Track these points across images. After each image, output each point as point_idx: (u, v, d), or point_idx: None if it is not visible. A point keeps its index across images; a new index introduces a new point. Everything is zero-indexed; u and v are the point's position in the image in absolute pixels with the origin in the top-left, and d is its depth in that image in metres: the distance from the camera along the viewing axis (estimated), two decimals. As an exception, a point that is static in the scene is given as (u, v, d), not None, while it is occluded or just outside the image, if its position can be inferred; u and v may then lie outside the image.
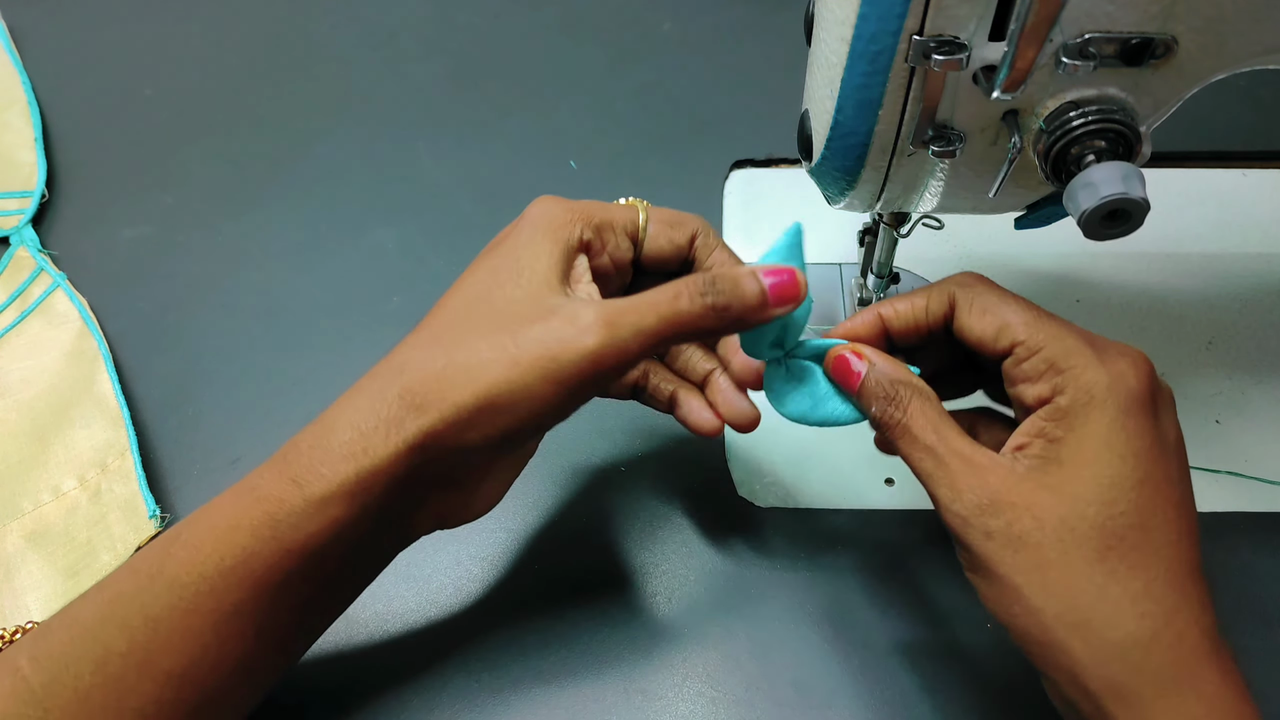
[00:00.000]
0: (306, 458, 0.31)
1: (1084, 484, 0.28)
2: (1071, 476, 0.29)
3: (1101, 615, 0.28)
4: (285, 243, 0.54)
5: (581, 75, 0.63)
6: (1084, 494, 0.28)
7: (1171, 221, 0.52)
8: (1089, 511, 0.28)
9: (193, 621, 0.30)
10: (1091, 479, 0.28)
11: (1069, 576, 0.28)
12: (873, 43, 0.30)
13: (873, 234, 0.43)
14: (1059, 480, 0.29)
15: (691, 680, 0.39)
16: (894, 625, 0.40)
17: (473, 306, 0.32)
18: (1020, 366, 0.31)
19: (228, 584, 0.30)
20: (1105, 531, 0.28)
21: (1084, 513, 0.28)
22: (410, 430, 0.30)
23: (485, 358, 0.30)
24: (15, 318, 0.50)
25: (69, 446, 0.45)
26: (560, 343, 0.30)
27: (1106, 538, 0.28)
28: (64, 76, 0.63)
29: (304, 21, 0.67)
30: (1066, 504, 0.28)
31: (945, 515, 0.30)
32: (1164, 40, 0.29)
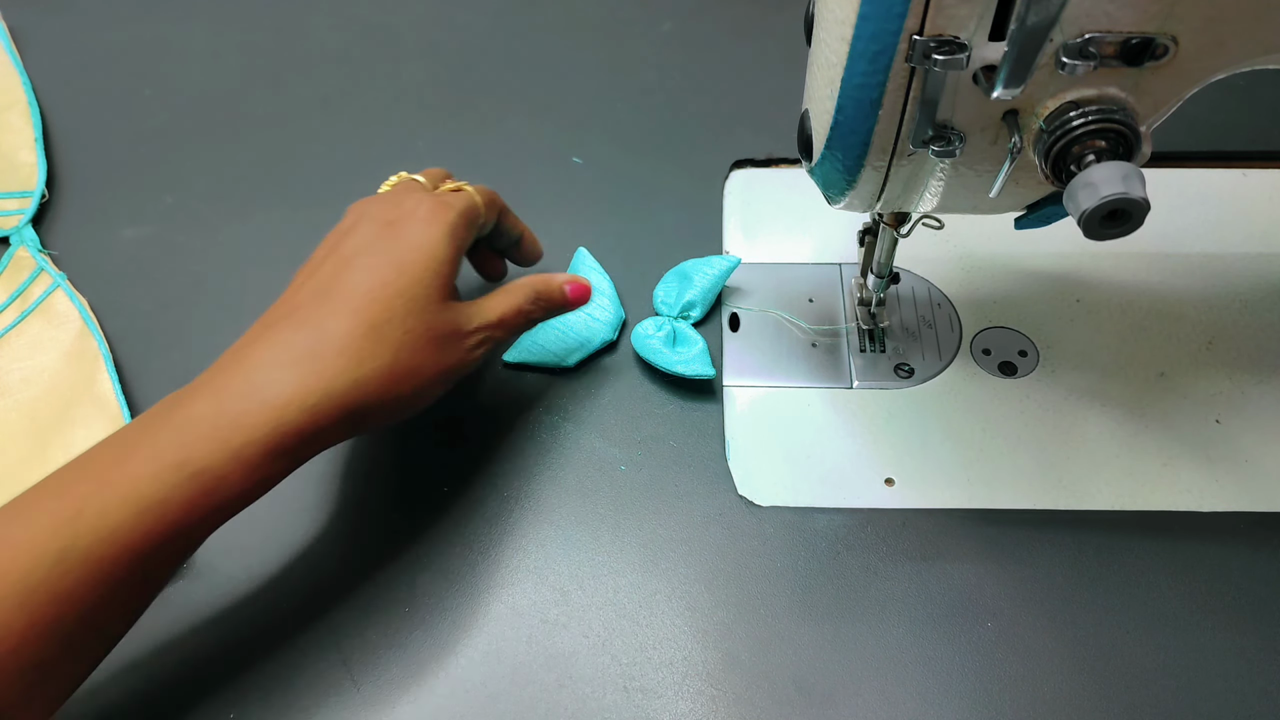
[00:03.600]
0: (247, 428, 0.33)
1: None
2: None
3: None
4: (285, 243, 0.54)
5: (581, 75, 0.63)
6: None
7: (1171, 221, 0.52)
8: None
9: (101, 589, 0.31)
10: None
11: None
12: (873, 43, 0.30)
13: (873, 234, 0.44)
14: None
15: (691, 679, 0.39)
16: (893, 624, 0.40)
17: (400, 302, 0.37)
18: None
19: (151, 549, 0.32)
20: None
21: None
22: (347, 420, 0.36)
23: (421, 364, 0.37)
24: (15, 318, 0.50)
25: (69, 446, 0.45)
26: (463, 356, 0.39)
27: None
28: (64, 76, 0.63)
29: (304, 21, 0.67)
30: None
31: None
32: (1164, 40, 0.29)
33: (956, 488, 0.43)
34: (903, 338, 0.48)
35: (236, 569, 0.42)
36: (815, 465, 0.44)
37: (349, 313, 0.36)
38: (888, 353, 0.48)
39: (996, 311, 0.49)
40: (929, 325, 0.49)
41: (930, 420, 0.45)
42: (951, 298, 0.50)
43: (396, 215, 0.40)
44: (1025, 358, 0.47)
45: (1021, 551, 0.41)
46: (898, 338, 0.48)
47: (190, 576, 0.42)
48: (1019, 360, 0.47)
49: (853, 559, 0.41)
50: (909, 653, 0.39)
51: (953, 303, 0.49)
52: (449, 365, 0.39)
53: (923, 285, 0.50)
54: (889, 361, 0.47)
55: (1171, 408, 0.45)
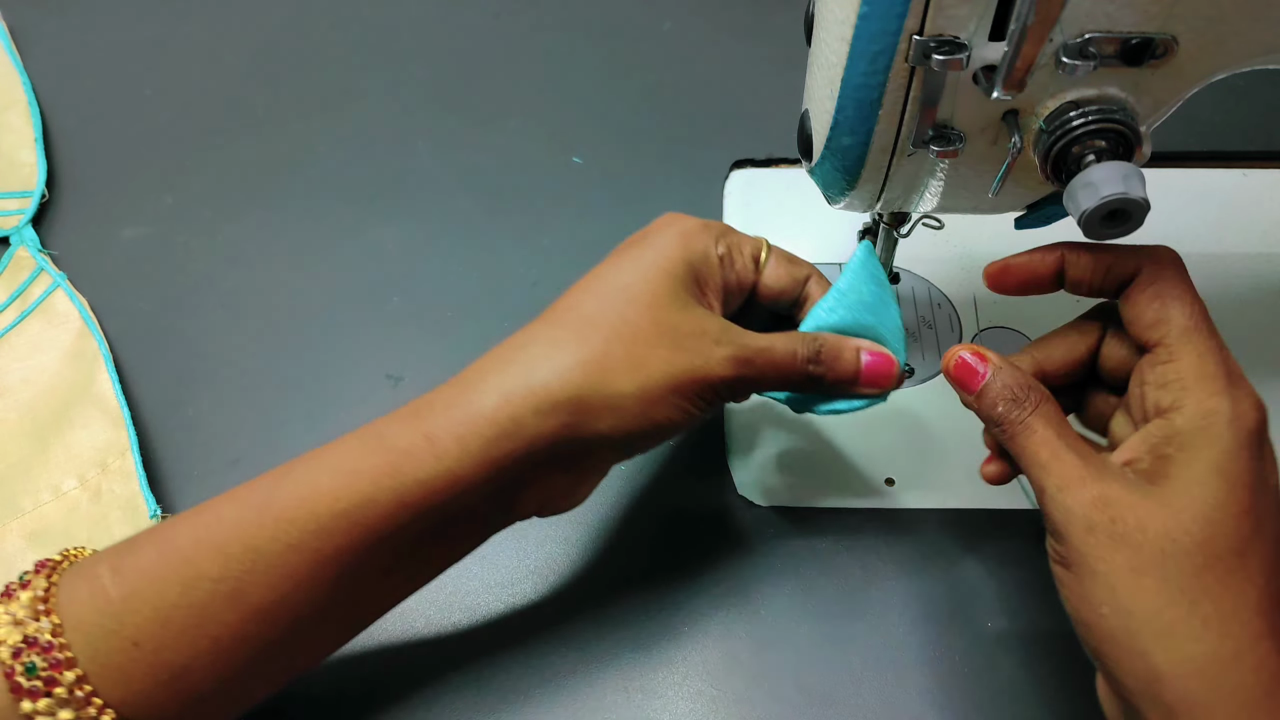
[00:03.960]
0: (443, 416, 0.31)
1: (1192, 501, 0.29)
2: (1180, 493, 0.29)
3: (1189, 628, 0.28)
4: (285, 243, 0.54)
5: (581, 75, 0.63)
6: (1190, 510, 0.29)
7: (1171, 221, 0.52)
8: (1193, 527, 0.28)
9: (292, 558, 0.30)
10: (1200, 498, 0.29)
11: (1163, 585, 0.28)
12: (873, 43, 0.30)
13: (873, 234, 0.43)
14: (1167, 495, 0.29)
15: (691, 679, 0.39)
16: (894, 624, 0.40)
17: (616, 299, 0.34)
18: (1156, 368, 0.31)
19: (337, 526, 0.30)
20: (1206, 550, 0.28)
21: (1188, 528, 0.29)
22: (565, 410, 0.31)
23: (642, 356, 0.32)
24: (15, 318, 0.50)
25: (69, 446, 0.45)
26: (705, 364, 0.33)
27: (1206, 556, 0.28)
28: (64, 76, 0.63)
29: (304, 21, 0.67)
30: (1172, 517, 0.29)
31: (1050, 506, 0.30)
32: (1164, 40, 0.29)
33: (956, 488, 0.43)
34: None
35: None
36: (815, 465, 0.44)
37: (560, 311, 0.34)
38: (888, 353, 0.48)
39: (996, 311, 0.49)
40: (929, 325, 0.49)
41: (930, 420, 0.45)
42: (951, 298, 0.50)
43: (649, 228, 0.37)
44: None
45: (1021, 552, 0.41)
46: (898, 338, 0.48)
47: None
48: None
49: (853, 559, 0.41)
50: (909, 653, 0.39)
51: (953, 303, 0.49)
52: (685, 367, 0.33)
53: (923, 285, 0.50)
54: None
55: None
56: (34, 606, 0.28)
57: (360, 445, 0.31)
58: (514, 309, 0.51)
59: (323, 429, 0.46)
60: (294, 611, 0.30)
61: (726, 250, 0.37)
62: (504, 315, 0.51)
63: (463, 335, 0.50)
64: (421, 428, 0.31)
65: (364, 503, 0.30)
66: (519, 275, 0.52)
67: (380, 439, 0.31)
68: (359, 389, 0.48)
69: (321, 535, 0.30)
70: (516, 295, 0.51)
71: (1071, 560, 0.30)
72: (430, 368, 0.49)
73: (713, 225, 0.37)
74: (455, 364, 0.48)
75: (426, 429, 0.31)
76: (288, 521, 0.30)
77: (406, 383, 0.48)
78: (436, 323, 0.50)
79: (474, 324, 0.50)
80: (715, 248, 0.36)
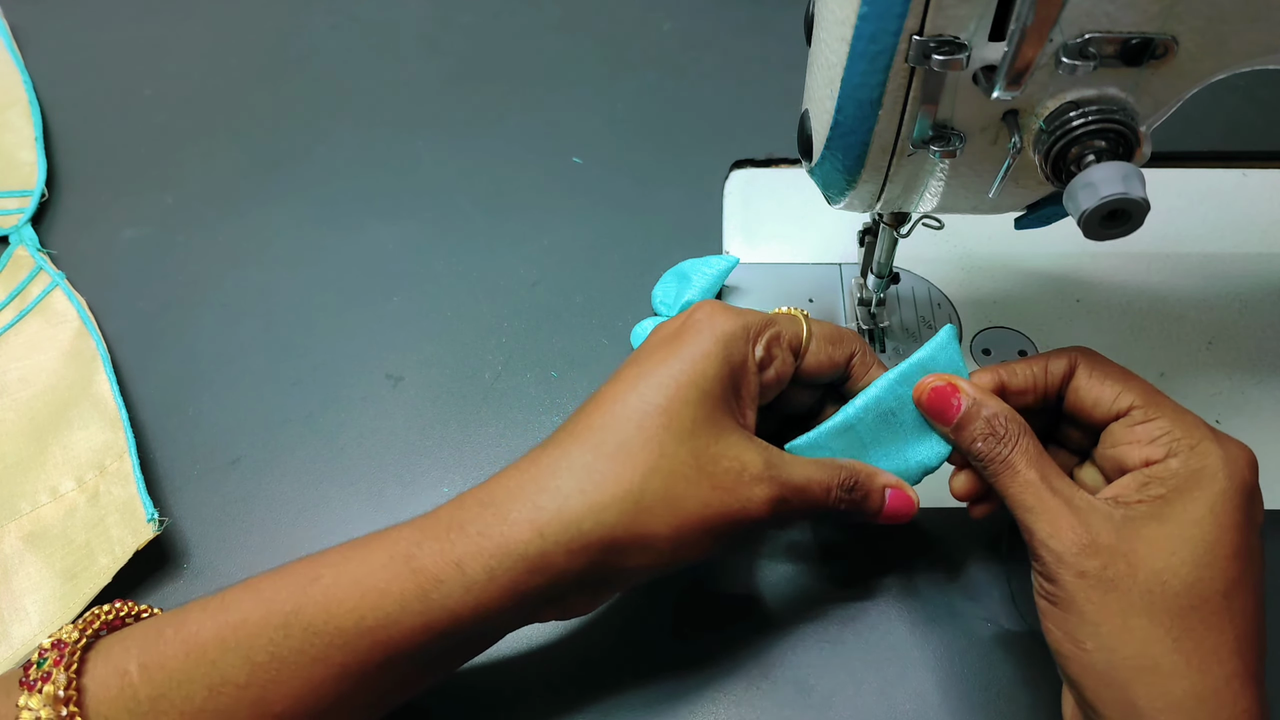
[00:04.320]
0: (474, 544, 0.31)
1: (1185, 543, 0.30)
2: (1172, 534, 0.30)
3: (1172, 665, 0.29)
4: (285, 242, 0.54)
5: (581, 75, 0.63)
6: (1182, 553, 0.30)
7: (1171, 221, 0.52)
8: (1183, 570, 0.29)
9: (317, 671, 0.30)
10: (1193, 539, 0.30)
11: (1150, 625, 0.29)
12: (873, 43, 0.30)
13: (873, 234, 0.43)
14: (1159, 535, 0.30)
15: (692, 679, 0.38)
16: (894, 625, 0.40)
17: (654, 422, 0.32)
18: (1134, 428, 0.32)
19: (361, 643, 0.30)
20: (1194, 591, 0.29)
21: (1178, 570, 0.29)
22: (596, 549, 0.31)
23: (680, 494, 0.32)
24: (14, 317, 0.50)
25: (67, 448, 0.45)
26: (744, 504, 0.33)
27: (1193, 598, 0.29)
28: (64, 76, 0.63)
29: (304, 21, 0.67)
30: (1162, 558, 0.30)
31: (1040, 550, 0.31)
32: (1164, 40, 0.29)
33: (956, 488, 0.43)
34: (903, 338, 0.48)
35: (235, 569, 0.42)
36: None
37: (594, 430, 0.32)
38: (888, 353, 0.48)
39: (996, 311, 0.49)
40: (929, 325, 0.49)
41: (930, 420, 0.45)
42: (951, 298, 0.50)
43: (682, 325, 0.35)
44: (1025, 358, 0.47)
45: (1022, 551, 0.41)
46: (898, 338, 0.48)
47: (189, 576, 0.42)
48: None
49: (853, 559, 0.41)
50: (909, 653, 0.39)
51: (953, 303, 0.49)
52: (722, 510, 0.32)
53: (923, 285, 0.50)
54: (889, 362, 0.47)
55: (1171, 408, 0.45)
56: (56, 708, 0.28)
57: (389, 563, 0.31)
58: (514, 309, 0.51)
59: (323, 429, 0.46)
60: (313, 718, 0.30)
61: (766, 352, 0.35)
62: (504, 315, 0.51)
63: (463, 335, 0.50)
64: (452, 554, 0.31)
65: (389, 624, 0.30)
66: (519, 275, 0.52)
67: (409, 561, 0.31)
68: (359, 389, 0.48)
69: (346, 650, 0.30)
70: (516, 295, 0.51)
71: (1059, 599, 0.31)
72: (430, 368, 0.49)
73: (751, 322, 0.35)
74: (455, 364, 0.49)
75: (457, 556, 0.31)
76: (314, 634, 0.30)
77: (406, 382, 0.48)
78: (436, 323, 0.50)
79: (474, 324, 0.50)
80: (754, 352, 0.35)
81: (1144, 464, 0.32)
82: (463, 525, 0.31)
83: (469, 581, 0.30)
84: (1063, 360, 0.35)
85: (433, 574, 0.30)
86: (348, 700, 0.31)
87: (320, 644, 0.30)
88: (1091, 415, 0.34)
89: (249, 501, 0.44)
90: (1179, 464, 0.31)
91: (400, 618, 0.30)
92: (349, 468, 0.45)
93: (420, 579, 0.30)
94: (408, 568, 0.31)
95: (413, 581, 0.30)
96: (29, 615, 0.40)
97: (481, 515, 0.31)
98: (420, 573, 0.30)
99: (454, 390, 0.48)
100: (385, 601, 0.30)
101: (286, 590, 0.31)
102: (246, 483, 0.45)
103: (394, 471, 0.45)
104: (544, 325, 0.50)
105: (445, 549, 0.31)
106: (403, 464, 0.45)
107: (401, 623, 0.30)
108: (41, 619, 0.40)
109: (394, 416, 0.47)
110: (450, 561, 0.31)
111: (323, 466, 0.45)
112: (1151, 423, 0.32)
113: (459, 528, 0.31)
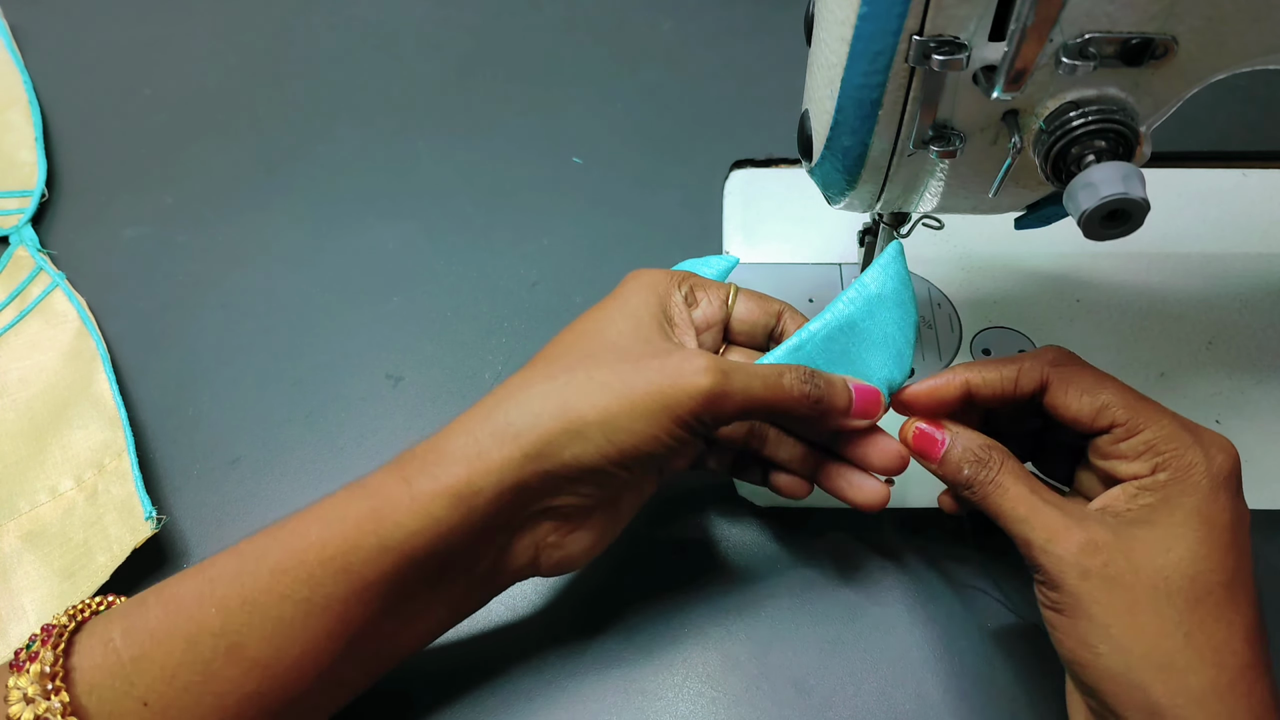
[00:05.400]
0: (419, 459, 0.32)
1: (1178, 541, 0.31)
2: (1164, 535, 0.31)
3: (1186, 660, 0.29)
4: (285, 242, 0.54)
5: (581, 75, 0.63)
6: (1178, 549, 0.30)
7: (1171, 221, 0.52)
8: (1183, 565, 0.30)
9: (286, 609, 0.30)
10: (1184, 537, 0.31)
11: (1159, 621, 0.30)
12: (873, 43, 0.30)
13: (873, 234, 0.43)
14: (1152, 537, 0.31)
15: (691, 680, 0.38)
16: (894, 625, 0.40)
17: (585, 341, 0.34)
18: (1118, 445, 0.33)
19: (325, 573, 0.30)
20: (1197, 584, 0.30)
21: (1178, 565, 0.30)
22: (526, 439, 0.31)
23: (604, 380, 0.32)
24: (14, 317, 0.50)
25: (66, 447, 0.45)
26: (676, 377, 0.32)
27: (1197, 590, 0.30)
28: (64, 76, 0.63)
29: (304, 21, 0.67)
30: (1160, 555, 0.30)
31: (1040, 557, 0.31)
32: (1164, 40, 0.29)
33: (956, 488, 0.43)
34: (903, 338, 0.48)
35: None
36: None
37: (532, 361, 0.35)
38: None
39: (996, 311, 0.49)
40: (929, 325, 0.49)
41: (930, 420, 0.45)
42: (951, 298, 0.50)
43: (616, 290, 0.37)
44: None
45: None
46: (898, 338, 0.48)
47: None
48: (1019, 360, 0.47)
49: (853, 559, 0.41)
50: (908, 653, 0.39)
51: (953, 303, 0.49)
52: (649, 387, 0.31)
53: (923, 285, 0.50)
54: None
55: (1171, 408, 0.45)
56: (43, 684, 0.29)
57: (347, 494, 0.32)
58: (514, 309, 0.51)
59: (323, 429, 0.46)
60: (293, 664, 0.31)
61: (690, 291, 0.37)
62: (504, 315, 0.51)
63: (463, 335, 0.50)
64: (400, 472, 0.32)
65: (349, 549, 0.31)
66: (519, 275, 0.52)
67: (363, 487, 0.32)
68: (359, 389, 0.48)
69: (311, 584, 0.30)
70: (516, 295, 0.51)
71: (1065, 605, 0.31)
72: (430, 368, 0.49)
73: (676, 274, 0.38)
74: (455, 364, 0.49)
75: (404, 473, 0.32)
76: (281, 572, 0.30)
77: (406, 382, 0.48)
78: (436, 323, 0.50)
79: (474, 324, 0.50)
80: (679, 291, 0.37)
81: (1133, 478, 0.33)
82: (413, 452, 0.33)
83: (415, 492, 0.31)
84: (1035, 373, 0.35)
85: (382, 492, 0.31)
86: (324, 644, 0.31)
87: (288, 580, 0.30)
88: (1074, 428, 0.35)
89: (249, 501, 0.44)
90: (1166, 476, 0.32)
91: (359, 541, 0.31)
92: (349, 468, 0.45)
93: (373, 500, 0.31)
94: (362, 492, 0.32)
95: (366, 504, 0.31)
96: (27, 614, 0.40)
97: (427, 444, 0.33)
98: (373, 495, 0.31)
99: (454, 390, 0.48)
100: (343, 528, 0.31)
101: (260, 540, 0.32)
102: (246, 483, 0.45)
103: (394, 471, 0.45)
104: (544, 325, 0.50)
105: (393, 470, 0.32)
106: (403, 464, 0.45)
107: (360, 546, 0.31)
108: (39, 617, 0.40)
109: (394, 416, 0.47)
110: (399, 478, 0.32)
111: (323, 466, 0.45)
112: (1135, 438, 0.33)
113: (410, 454, 0.33)
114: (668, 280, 0.37)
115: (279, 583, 0.30)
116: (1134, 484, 0.32)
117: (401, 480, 0.31)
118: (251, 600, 0.30)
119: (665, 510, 0.43)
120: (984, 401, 0.36)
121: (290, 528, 0.32)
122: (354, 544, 0.31)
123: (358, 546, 0.31)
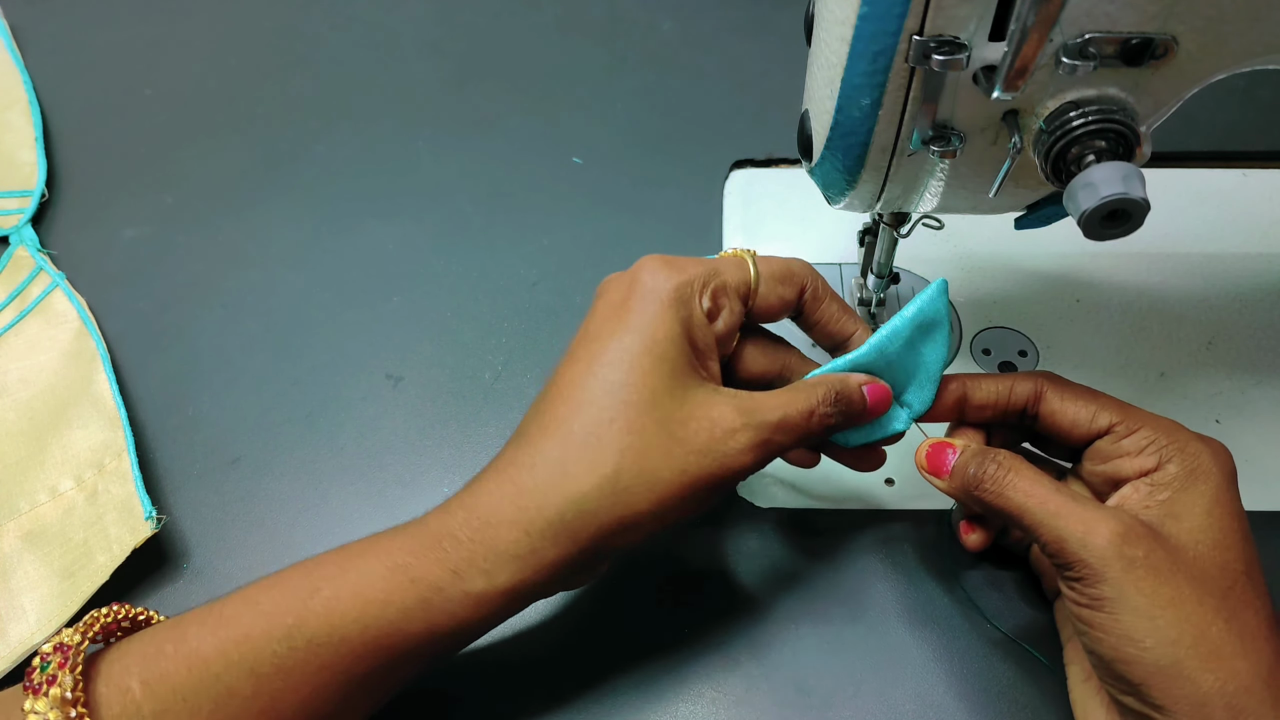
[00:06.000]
0: (467, 550, 0.31)
1: (1203, 532, 0.31)
2: (1190, 527, 0.31)
3: (1230, 647, 0.29)
4: (285, 242, 0.54)
5: (582, 75, 0.63)
6: (1206, 539, 0.31)
7: (1171, 221, 0.52)
8: (1214, 553, 0.31)
9: (323, 678, 0.30)
10: (1208, 526, 0.31)
11: (1202, 610, 0.30)
12: (873, 43, 0.30)
13: (873, 234, 0.43)
14: (1178, 530, 0.31)
15: (691, 681, 0.38)
16: (894, 626, 0.40)
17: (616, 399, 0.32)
18: (1120, 443, 0.34)
19: (367, 651, 0.30)
20: (1227, 572, 0.30)
21: (1210, 554, 0.31)
22: (583, 536, 0.31)
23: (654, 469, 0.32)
24: (14, 317, 0.50)
25: (66, 447, 0.45)
26: (723, 459, 0.32)
27: (1228, 577, 0.30)
28: (64, 76, 0.63)
29: (304, 22, 0.67)
30: (1193, 546, 0.31)
31: (1078, 552, 0.31)
32: (1164, 40, 0.29)
33: (956, 488, 0.43)
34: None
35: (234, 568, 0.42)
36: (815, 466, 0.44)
37: (560, 423, 0.32)
38: (888, 353, 0.48)
39: (996, 311, 0.49)
40: (929, 325, 0.49)
41: (930, 420, 0.45)
42: (951, 298, 0.50)
43: (627, 291, 0.34)
44: (1025, 358, 0.47)
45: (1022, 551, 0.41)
46: (898, 338, 0.48)
47: (189, 576, 0.42)
48: (1019, 360, 0.47)
49: (853, 559, 0.41)
50: (909, 653, 0.39)
51: (953, 303, 0.49)
52: (700, 472, 0.32)
53: (923, 285, 0.50)
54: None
55: (1171, 408, 0.45)
56: (65, 710, 0.28)
57: (388, 575, 0.31)
58: (514, 309, 0.51)
59: (323, 429, 0.46)
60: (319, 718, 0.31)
61: (713, 303, 0.35)
62: (504, 315, 0.51)
63: (463, 335, 0.50)
64: (448, 563, 0.31)
65: (393, 631, 0.31)
66: (519, 275, 0.52)
67: (406, 571, 0.31)
68: (359, 389, 0.48)
69: (351, 658, 0.30)
70: (516, 295, 0.51)
71: (1106, 599, 0.30)
72: (430, 368, 0.49)
73: (695, 275, 0.35)
74: (455, 364, 0.49)
75: (453, 565, 0.31)
76: (318, 645, 0.30)
77: (406, 382, 0.48)
78: (436, 323, 0.50)
79: (474, 324, 0.50)
80: (699, 304, 0.34)
81: (1140, 474, 0.33)
82: (454, 533, 0.32)
83: (467, 586, 0.31)
84: (1028, 384, 0.36)
85: (431, 583, 0.31)
86: (354, 700, 0.31)
87: (325, 654, 0.30)
88: (1071, 435, 0.35)
89: (249, 501, 0.44)
90: (1176, 467, 0.32)
91: (404, 625, 0.31)
92: (349, 468, 0.45)
93: (420, 588, 0.31)
94: (406, 577, 0.31)
95: (413, 591, 0.31)
96: (26, 614, 0.40)
97: (469, 522, 0.32)
98: (419, 582, 0.31)
99: (454, 390, 0.48)
100: (388, 611, 0.31)
101: (286, 603, 0.31)
102: (246, 482, 0.45)
103: (394, 471, 0.45)
104: (544, 325, 0.50)
105: (441, 558, 0.31)
106: (403, 464, 0.45)
107: (405, 629, 0.31)
108: (39, 617, 0.40)
109: (394, 416, 0.47)
110: (447, 570, 0.31)
111: (323, 466, 0.45)
112: (1136, 434, 0.33)
113: (450, 536, 0.32)
114: (688, 291, 0.34)
115: (317, 655, 0.30)
116: (1145, 481, 0.32)
117: (451, 574, 0.31)
118: (287, 670, 0.30)
119: (665, 510, 0.43)
120: (977, 413, 0.36)
121: (324, 598, 0.30)
122: (401, 630, 0.31)
123: (405, 634, 0.31)
